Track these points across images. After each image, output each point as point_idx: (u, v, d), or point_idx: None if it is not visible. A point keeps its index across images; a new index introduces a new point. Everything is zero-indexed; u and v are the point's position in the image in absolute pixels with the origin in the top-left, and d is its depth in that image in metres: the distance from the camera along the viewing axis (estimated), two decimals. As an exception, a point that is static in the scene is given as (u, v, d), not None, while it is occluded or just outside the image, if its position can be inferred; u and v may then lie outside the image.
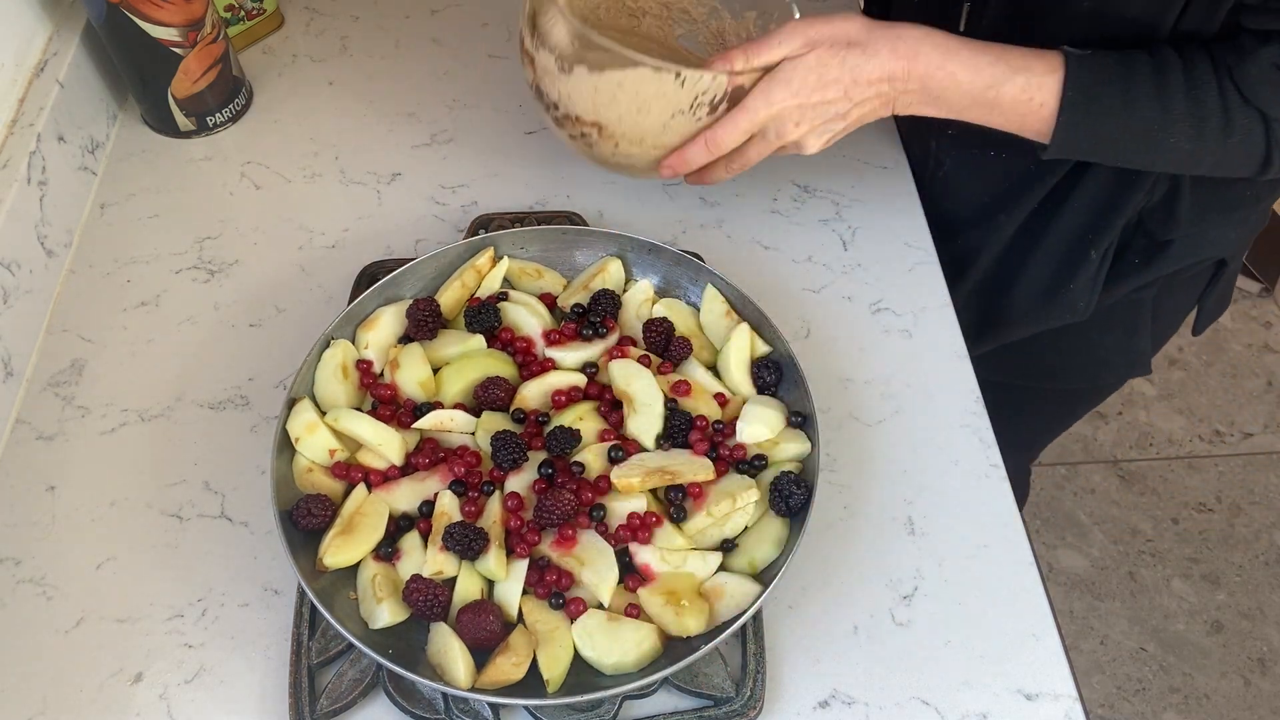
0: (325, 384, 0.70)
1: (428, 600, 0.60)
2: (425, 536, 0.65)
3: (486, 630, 0.60)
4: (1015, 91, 0.67)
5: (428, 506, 0.66)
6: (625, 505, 0.65)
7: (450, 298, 0.75)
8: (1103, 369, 0.97)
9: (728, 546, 0.65)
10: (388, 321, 0.74)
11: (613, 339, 0.75)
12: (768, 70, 0.68)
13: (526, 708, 0.60)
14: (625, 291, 0.77)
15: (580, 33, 0.68)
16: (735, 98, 0.68)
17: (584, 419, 0.69)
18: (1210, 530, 1.76)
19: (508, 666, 0.59)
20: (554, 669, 0.59)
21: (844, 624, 0.65)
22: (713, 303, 0.76)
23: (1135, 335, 0.92)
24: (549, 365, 0.73)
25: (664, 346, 0.73)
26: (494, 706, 0.60)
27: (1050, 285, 0.87)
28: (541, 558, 0.64)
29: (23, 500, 0.70)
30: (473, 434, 0.69)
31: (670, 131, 0.70)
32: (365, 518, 0.64)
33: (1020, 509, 0.71)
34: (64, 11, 0.90)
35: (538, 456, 0.68)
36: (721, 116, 0.69)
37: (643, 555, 0.64)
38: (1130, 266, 0.84)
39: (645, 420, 0.69)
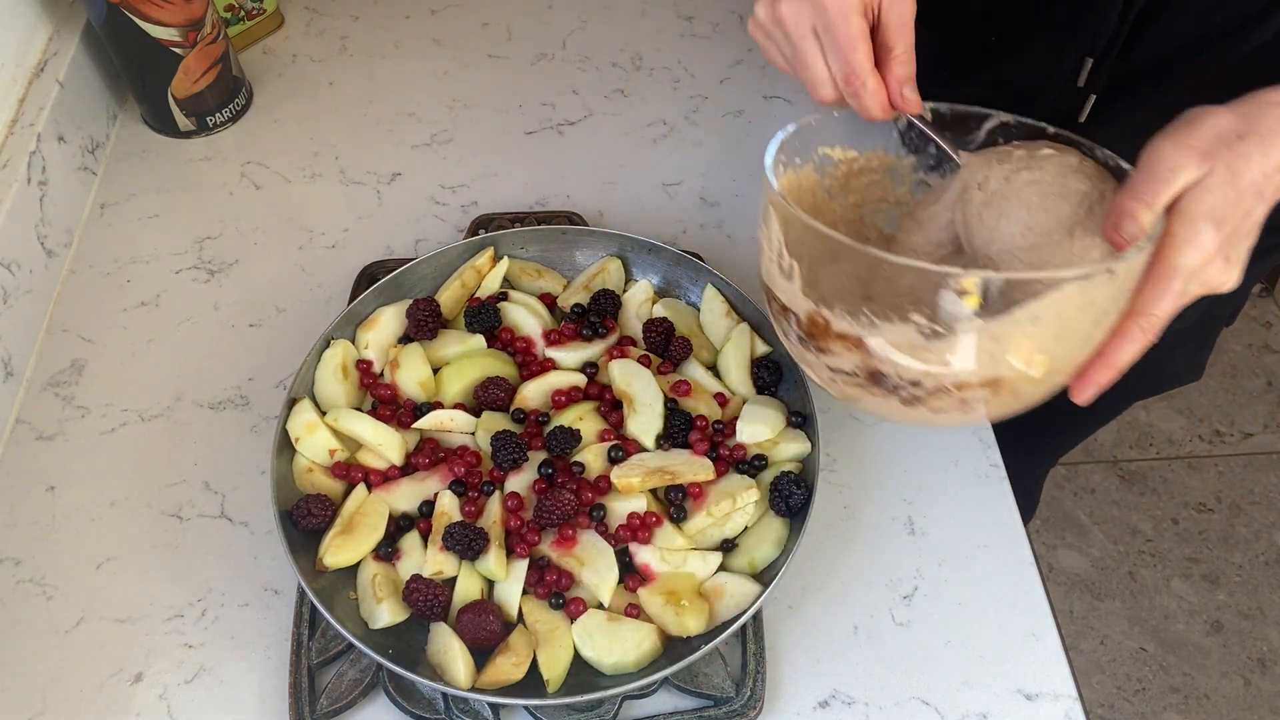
0: (325, 384, 0.70)
1: (428, 600, 0.60)
2: (425, 536, 0.65)
3: (486, 630, 0.60)
4: None
5: (428, 506, 0.66)
6: (625, 505, 0.65)
7: (450, 298, 0.75)
8: (1167, 383, 0.96)
9: (728, 546, 0.65)
10: (388, 321, 0.74)
11: (613, 339, 0.75)
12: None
13: (526, 708, 0.60)
14: (625, 291, 0.77)
15: (986, 282, 0.49)
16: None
17: (584, 419, 0.69)
18: (1210, 530, 1.76)
19: (508, 666, 0.59)
20: (554, 669, 0.59)
21: (844, 624, 0.65)
22: (713, 303, 0.76)
23: (1203, 347, 0.91)
24: (549, 365, 0.73)
25: (664, 346, 0.73)
26: (494, 706, 0.60)
27: None
28: (541, 558, 0.64)
29: (23, 500, 0.70)
30: (473, 434, 0.69)
31: (1090, 342, 0.53)
32: (365, 518, 0.64)
33: (1030, 518, 0.70)
34: (64, 11, 0.90)
35: (538, 456, 0.68)
36: (1137, 292, 0.52)
37: (643, 555, 0.64)
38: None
39: (645, 420, 0.69)
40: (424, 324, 0.72)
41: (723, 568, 0.64)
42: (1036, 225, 0.56)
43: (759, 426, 0.68)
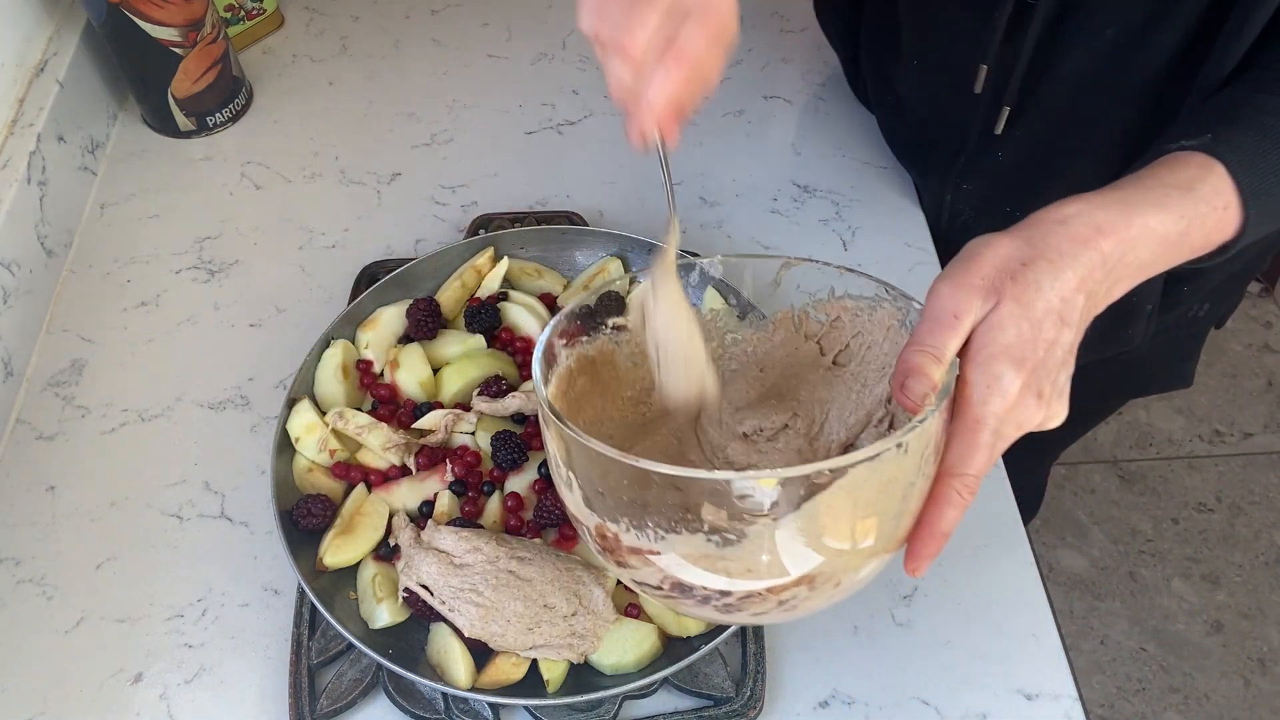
0: (325, 384, 0.70)
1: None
2: (425, 536, 0.65)
3: (486, 630, 0.60)
4: (1204, 209, 0.53)
5: (428, 506, 0.66)
6: (625, 505, 0.65)
7: (450, 298, 0.75)
8: (1158, 386, 0.97)
9: (728, 546, 0.65)
10: (388, 321, 0.74)
11: (613, 339, 0.74)
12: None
13: (526, 708, 0.60)
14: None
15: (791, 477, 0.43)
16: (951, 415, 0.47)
17: (584, 419, 0.69)
18: (1210, 530, 1.76)
19: (508, 666, 0.59)
20: (554, 669, 0.59)
21: (844, 624, 0.65)
22: (713, 303, 0.75)
23: (1189, 358, 0.92)
24: (549, 365, 0.73)
25: (664, 346, 0.73)
26: (494, 706, 0.60)
27: (1101, 329, 0.85)
28: (541, 558, 0.64)
29: (23, 500, 0.70)
30: (473, 434, 0.69)
31: (905, 516, 0.47)
32: (365, 518, 0.64)
33: (1035, 513, 0.69)
34: (64, 11, 0.90)
35: (538, 456, 0.68)
36: (945, 450, 0.47)
37: (643, 555, 0.64)
38: (1180, 294, 0.83)
39: (645, 420, 0.69)
40: (424, 324, 0.72)
41: (723, 568, 0.64)
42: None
43: (759, 426, 0.68)
